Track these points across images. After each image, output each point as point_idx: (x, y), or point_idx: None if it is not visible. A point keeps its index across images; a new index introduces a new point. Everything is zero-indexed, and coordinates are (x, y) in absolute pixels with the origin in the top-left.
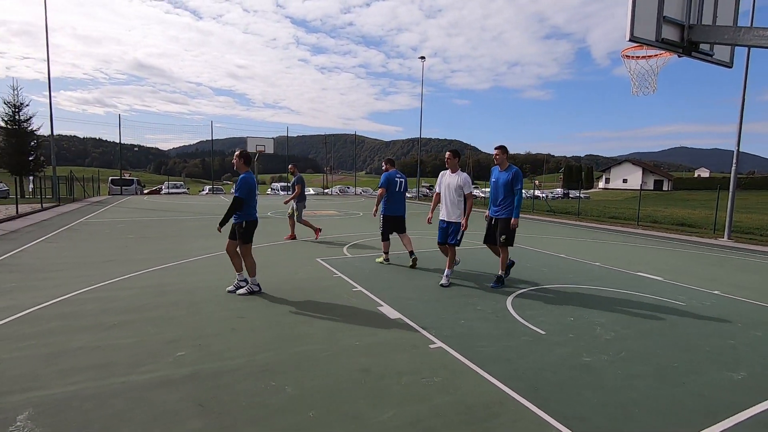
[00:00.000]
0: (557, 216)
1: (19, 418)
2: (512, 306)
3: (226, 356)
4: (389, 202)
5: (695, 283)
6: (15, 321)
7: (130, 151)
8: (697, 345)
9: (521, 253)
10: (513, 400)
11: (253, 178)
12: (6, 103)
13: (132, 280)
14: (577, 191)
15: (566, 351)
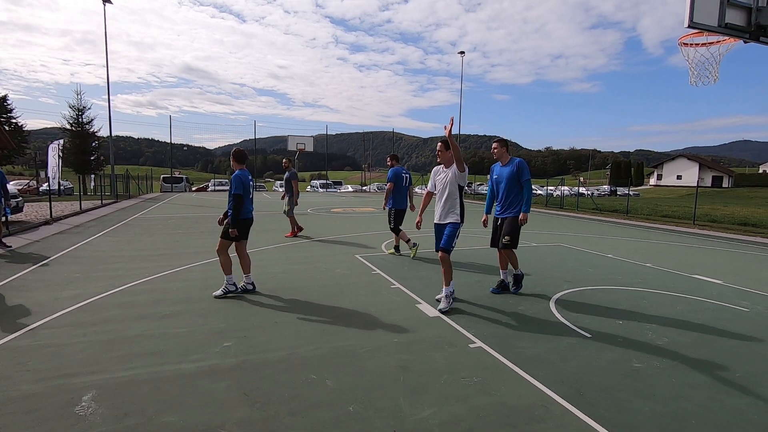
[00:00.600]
0: (604, 214)
1: (84, 398)
2: (555, 307)
3: (269, 348)
4: (397, 196)
5: (760, 288)
6: (79, 309)
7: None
8: (762, 355)
9: (565, 252)
10: (557, 404)
11: (247, 176)
12: (71, 107)
13: (182, 273)
14: (625, 188)
15: (614, 355)
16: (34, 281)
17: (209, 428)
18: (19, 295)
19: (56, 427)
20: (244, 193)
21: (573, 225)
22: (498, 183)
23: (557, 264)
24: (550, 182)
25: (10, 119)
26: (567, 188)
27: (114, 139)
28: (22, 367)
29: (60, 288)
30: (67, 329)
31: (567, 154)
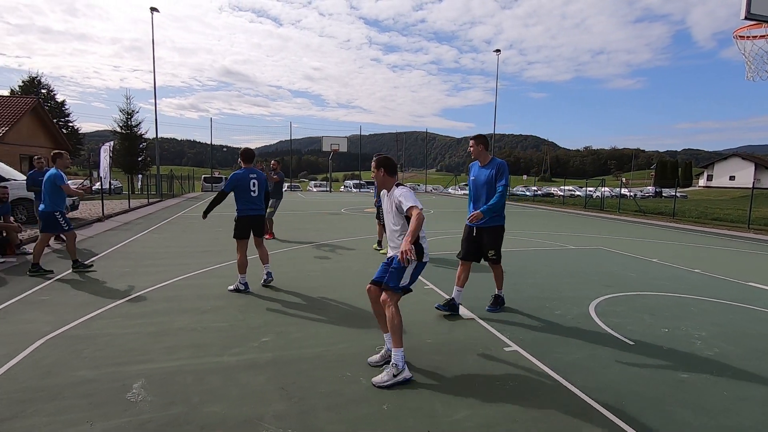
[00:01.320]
0: (648, 217)
1: (134, 386)
2: (595, 312)
3: (304, 345)
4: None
5: None
6: (129, 301)
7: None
8: None
9: (606, 256)
10: (597, 413)
11: (246, 175)
12: (121, 110)
13: (222, 270)
14: (672, 189)
15: (659, 365)
16: (89, 274)
17: (249, 420)
18: (76, 287)
19: (110, 411)
20: (237, 190)
21: (614, 227)
22: (475, 185)
23: (596, 268)
24: (589, 183)
25: (67, 123)
26: (607, 189)
27: (159, 141)
28: (79, 355)
29: (112, 281)
30: (119, 320)
31: (608, 154)
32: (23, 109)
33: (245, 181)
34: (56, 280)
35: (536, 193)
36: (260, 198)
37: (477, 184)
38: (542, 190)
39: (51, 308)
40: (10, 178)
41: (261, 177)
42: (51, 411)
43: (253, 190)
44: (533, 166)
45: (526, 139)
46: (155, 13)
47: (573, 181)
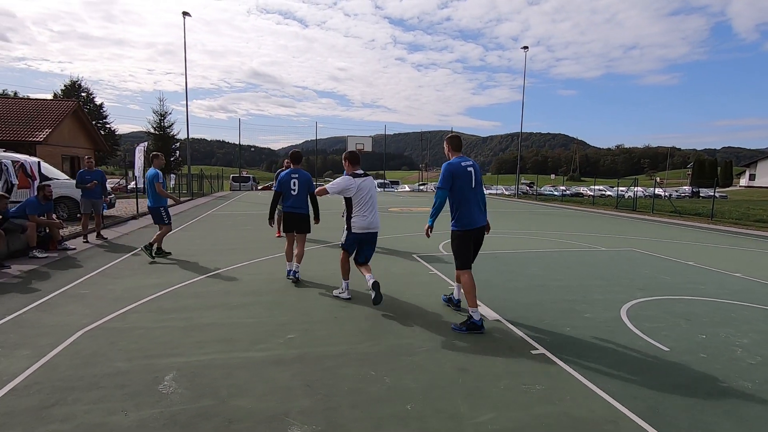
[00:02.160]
0: (684, 218)
1: (166, 378)
2: (627, 316)
3: (329, 342)
4: None
5: None
6: (161, 296)
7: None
8: None
9: (638, 258)
10: (629, 421)
11: (288, 175)
12: (155, 112)
13: (249, 267)
14: (710, 189)
15: (696, 373)
16: (124, 270)
17: (276, 414)
18: (113, 281)
19: (143, 402)
20: (282, 188)
21: (647, 229)
22: None
23: (629, 270)
24: (621, 182)
25: (105, 124)
26: (641, 189)
27: (190, 141)
28: (115, 347)
29: (145, 277)
30: (152, 314)
31: (641, 153)
32: (65, 111)
33: (287, 180)
34: (95, 274)
35: (564, 193)
36: (300, 197)
37: None
38: (571, 189)
39: (89, 302)
40: (53, 178)
41: (303, 177)
42: (89, 400)
43: (294, 188)
44: (561, 165)
45: (554, 138)
46: (187, 17)
47: (603, 180)
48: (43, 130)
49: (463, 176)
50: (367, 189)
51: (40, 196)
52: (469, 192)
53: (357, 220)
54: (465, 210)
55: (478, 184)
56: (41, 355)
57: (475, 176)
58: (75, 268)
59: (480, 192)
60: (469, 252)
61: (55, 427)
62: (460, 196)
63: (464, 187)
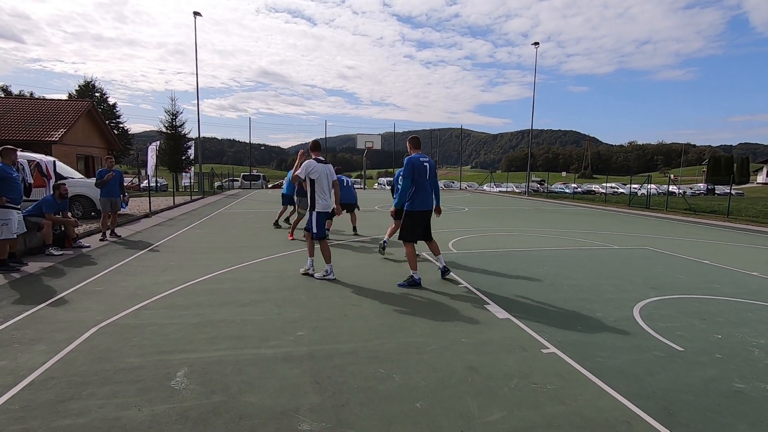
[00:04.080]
0: (699, 215)
1: (178, 374)
2: (640, 315)
3: (339, 340)
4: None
5: None
6: (174, 293)
7: (257, 149)
8: None
9: (652, 256)
10: (642, 421)
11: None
12: (166, 111)
13: (260, 265)
14: (726, 186)
15: (711, 373)
16: (137, 267)
17: (285, 411)
18: (126, 278)
19: (155, 397)
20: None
21: (661, 227)
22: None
23: (642, 269)
24: (634, 179)
25: (118, 124)
26: (654, 186)
27: (201, 140)
28: (128, 342)
29: (158, 274)
30: (165, 311)
31: (654, 149)
32: (79, 111)
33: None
34: (109, 272)
35: (576, 191)
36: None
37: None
38: (582, 187)
39: (104, 298)
40: (68, 177)
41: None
42: (103, 395)
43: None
44: (573, 162)
45: (565, 135)
46: (197, 17)
47: (616, 177)
48: (59, 129)
49: (420, 169)
50: (325, 173)
51: (56, 194)
52: (424, 181)
53: (320, 200)
54: (419, 195)
55: (432, 176)
56: (57, 350)
57: (430, 170)
58: (90, 266)
59: (433, 182)
60: (416, 229)
61: (71, 422)
62: (417, 184)
63: (420, 177)
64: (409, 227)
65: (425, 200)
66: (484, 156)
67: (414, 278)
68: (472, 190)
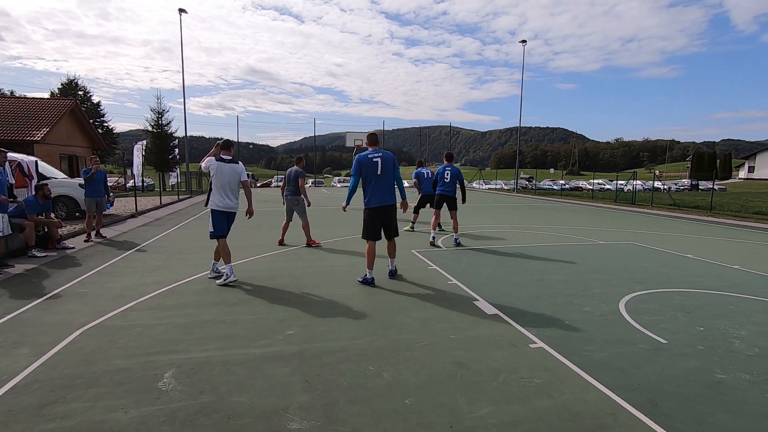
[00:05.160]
0: (683, 211)
1: (165, 375)
2: (626, 309)
3: (329, 338)
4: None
5: None
6: (162, 294)
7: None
8: None
9: (637, 251)
10: (627, 413)
11: (366, 158)
12: (152, 110)
13: (249, 264)
14: (709, 182)
15: (694, 365)
16: (124, 268)
17: (275, 410)
18: (112, 279)
19: (142, 399)
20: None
21: (646, 222)
22: None
23: (628, 263)
24: (620, 176)
25: (102, 123)
26: (640, 182)
27: (188, 139)
28: (115, 344)
29: (145, 274)
30: (152, 312)
31: (640, 146)
32: (62, 110)
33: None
34: (94, 273)
35: (564, 187)
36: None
37: None
38: (570, 183)
39: (89, 300)
40: (51, 177)
41: (385, 157)
42: (89, 397)
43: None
44: (561, 159)
45: (553, 132)
46: (183, 14)
47: (603, 174)
48: (41, 129)
49: (369, 165)
50: (227, 174)
51: (39, 195)
52: (374, 178)
53: (214, 198)
54: (371, 193)
55: (386, 171)
56: (41, 353)
57: (382, 165)
58: (74, 267)
59: (387, 178)
60: (375, 226)
61: (56, 425)
62: (366, 181)
63: (370, 174)
64: (366, 225)
65: (380, 197)
66: (474, 153)
67: (366, 277)
68: None
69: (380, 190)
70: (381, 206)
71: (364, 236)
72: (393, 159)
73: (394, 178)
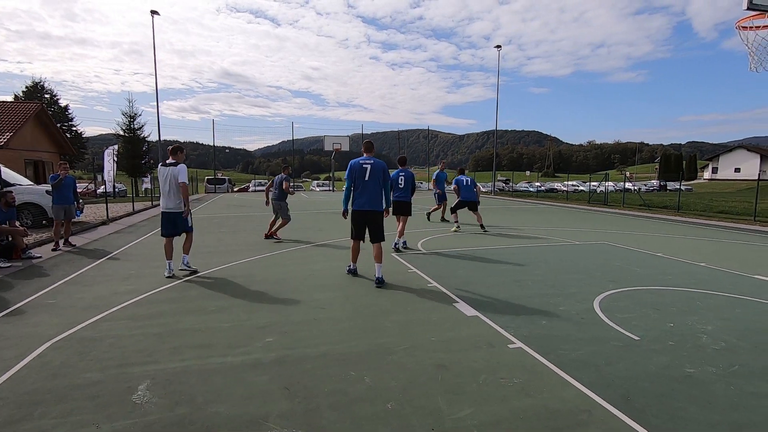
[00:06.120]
0: (653, 210)
1: (140, 387)
2: (600, 308)
3: (309, 344)
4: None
5: None
6: (135, 303)
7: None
8: None
9: (610, 251)
10: (602, 409)
11: (358, 164)
12: (124, 114)
13: (227, 270)
14: (676, 183)
15: (665, 360)
16: (95, 277)
17: (254, 419)
18: (83, 289)
19: (115, 413)
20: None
21: (618, 222)
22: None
23: (601, 263)
24: (593, 177)
25: (71, 127)
26: (611, 183)
27: (162, 143)
28: (86, 357)
29: (118, 283)
30: (125, 322)
31: (611, 148)
32: (27, 114)
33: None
34: (63, 283)
35: (540, 189)
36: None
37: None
38: (545, 185)
39: (58, 311)
40: (16, 183)
41: (376, 165)
42: (58, 413)
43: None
44: (536, 161)
45: (528, 135)
46: (155, 16)
47: (576, 176)
48: (4, 133)
49: (359, 171)
50: (165, 175)
51: (2, 203)
52: (361, 183)
53: (160, 200)
54: (357, 196)
55: (373, 178)
56: (6, 368)
57: (372, 171)
58: (41, 277)
59: (373, 184)
60: (359, 227)
61: None
62: (355, 185)
63: (359, 179)
64: (352, 225)
65: (364, 201)
66: (452, 156)
67: (350, 267)
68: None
69: (365, 196)
70: (363, 210)
71: (352, 236)
72: (383, 168)
73: (381, 185)
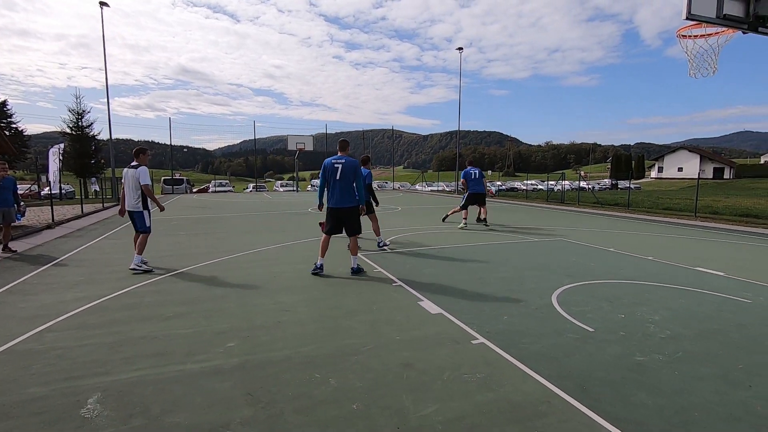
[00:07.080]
0: (605, 208)
1: (89, 401)
2: (558, 302)
3: (272, 348)
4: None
5: (762, 279)
6: (84, 312)
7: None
8: (766, 346)
9: (567, 247)
10: (560, 400)
11: (330, 163)
12: (70, 110)
13: (186, 274)
14: (626, 182)
15: (617, 350)
16: (38, 285)
17: (214, 428)
18: (25, 298)
19: (63, 429)
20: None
21: (574, 219)
22: None
23: (558, 259)
24: (550, 177)
25: (10, 124)
26: (568, 182)
27: (114, 142)
28: (28, 371)
29: (64, 291)
30: (73, 332)
31: (567, 149)
32: None
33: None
34: (2, 292)
35: (501, 188)
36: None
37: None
38: (506, 184)
39: None
40: None
41: (347, 163)
42: None
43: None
44: (497, 161)
45: (489, 135)
46: (104, 7)
47: (535, 175)
48: None
49: (330, 170)
50: (126, 177)
51: None
52: (333, 181)
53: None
54: (330, 194)
55: (344, 177)
56: None
57: (342, 170)
58: None
59: (345, 182)
60: (332, 223)
61: None
62: (328, 183)
63: (331, 177)
64: (327, 221)
65: (335, 199)
66: (416, 156)
67: (316, 264)
68: (405, 190)
69: (337, 193)
70: (336, 207)
71: (324, 231)
72: (354, 166)
73: (353, 183)
